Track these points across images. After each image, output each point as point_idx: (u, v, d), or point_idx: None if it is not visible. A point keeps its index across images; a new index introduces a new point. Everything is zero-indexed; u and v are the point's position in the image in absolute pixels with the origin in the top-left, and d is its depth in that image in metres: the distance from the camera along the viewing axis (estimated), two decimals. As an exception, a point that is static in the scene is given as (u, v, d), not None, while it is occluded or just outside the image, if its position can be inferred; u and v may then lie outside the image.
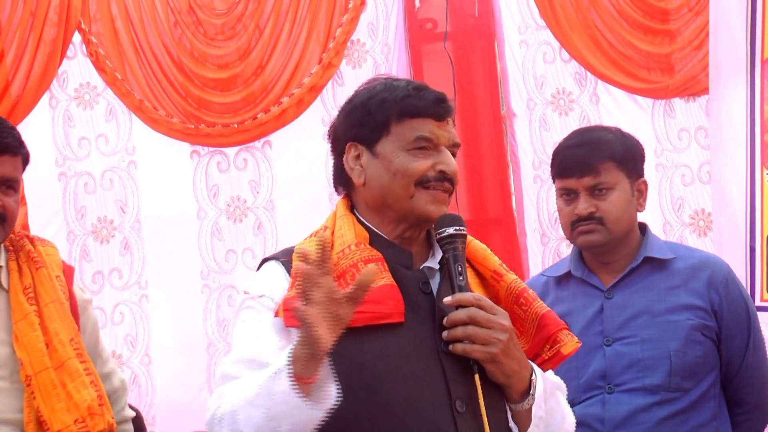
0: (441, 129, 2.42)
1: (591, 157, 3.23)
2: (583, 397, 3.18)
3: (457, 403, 2.24)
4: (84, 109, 5.25)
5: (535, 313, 2.40)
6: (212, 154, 5.39)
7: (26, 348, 2.79)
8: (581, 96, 5.54)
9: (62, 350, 2.82)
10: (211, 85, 5.34)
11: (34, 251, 2.96)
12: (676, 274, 3.27)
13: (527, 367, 2.33)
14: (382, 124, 2.41)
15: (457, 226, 2.35)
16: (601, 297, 3.25)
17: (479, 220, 5.52)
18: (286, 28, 5.38)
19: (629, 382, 3.15)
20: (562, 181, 3.27)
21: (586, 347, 3.12)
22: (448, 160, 2.40)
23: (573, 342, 2.41)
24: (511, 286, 2.43)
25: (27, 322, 2.82)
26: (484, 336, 2.23)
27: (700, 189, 5.44)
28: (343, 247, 2.37)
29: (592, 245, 3.25)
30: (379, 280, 2.29)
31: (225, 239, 5.36)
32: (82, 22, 5.17)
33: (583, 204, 3.22)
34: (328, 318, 2.07)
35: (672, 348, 3.16)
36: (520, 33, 5.58)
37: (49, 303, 2.88)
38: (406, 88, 2.43)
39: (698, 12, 5.37)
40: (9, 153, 2.87)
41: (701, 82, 5.28)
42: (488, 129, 5.63)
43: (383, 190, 2.40)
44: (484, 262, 2.47)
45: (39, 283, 2.90)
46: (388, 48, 5.54)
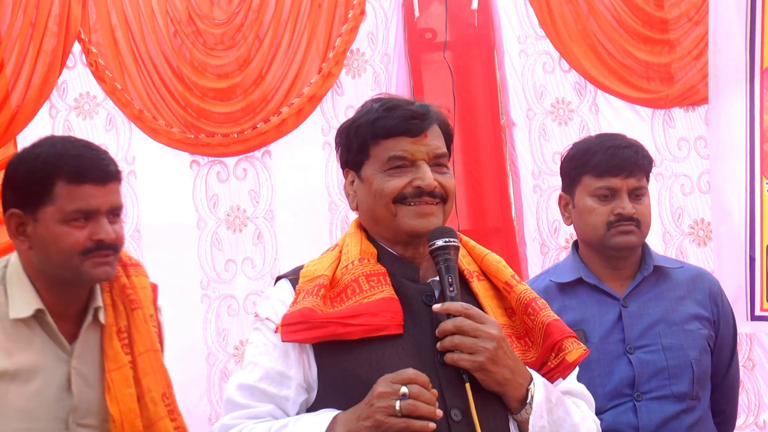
0: (416, 145, 2.43)
1: (639, 160, 3.26)
2: (609, 405, 3.18)
3: (453, 412, 2.26)
4: (84, 119, 5.25)
5: (542, 322, 2.41)
6: (212, 164, 5.39)
7: (119, 405, 2.76)
8: (581, 106, 5.54)
9: (153, 409, 2.80)
10: (210, 95, 5.34)
11: (128, 285, 2.90)
12: (680, 284, 3.32)
13: (523, 375, 2.33)
14: (361, 148, 2.47)
15: (446, 237, 2.37)
16: (616, 305, 3.27)
17: (479, 230, 5.52)
18: (286, 37, 5.39)
19: (657, 389, 3.18)
20: (606, 180, 3.25)
21: (609, 355, 3.18)
22: (424, 175, 2.41)
23: (578, 349, 2.41)
24: (521, 297, 2.45)
25: (121, 376, 2.78)
26: (471, 345, 2.25)
27: (700, 198, 5.44)
28: (346, 263, 2.44)
29: (630, 246, 3.27)
30: (378, 294, 2.34)
31: (225, 249, 5.36)
32: (81, 32, 5.17)
33: (628, 204, 3.23)
34: None
35: (692, 356, 3.22)
36: (520, 43, 5.58)
37: (144, 353, 2.85)
38: (378, 110, 2.47)
39: (698, 22, 5.38)
40: (113, 180, 2.78)
41: (701, 92, 5.28)
42: (488, 138, 5.63)
43: (371, 212, 2.47)
44: (497, 274, 2.50)
45: (134, 327, 2.86)
46: (388, 58, 5.54)
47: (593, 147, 3.32)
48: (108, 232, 2.73)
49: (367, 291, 2.36)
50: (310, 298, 2.36)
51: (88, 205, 2.70)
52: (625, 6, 5.46)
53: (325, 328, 2.31)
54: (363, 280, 2.38)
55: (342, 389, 2.29)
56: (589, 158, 3.30)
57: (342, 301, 2.36)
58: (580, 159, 3.34)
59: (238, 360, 5.26)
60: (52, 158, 2.72)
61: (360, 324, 2.30)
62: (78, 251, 2.70)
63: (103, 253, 2.73)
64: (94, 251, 2.71)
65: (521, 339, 2.44)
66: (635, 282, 3.29)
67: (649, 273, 3.31)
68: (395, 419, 2.14)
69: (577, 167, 3.34)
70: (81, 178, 2.70)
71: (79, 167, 2.71)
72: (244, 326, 5.30)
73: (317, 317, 2.32)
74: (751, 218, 4.47)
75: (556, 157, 5.48)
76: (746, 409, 5.41)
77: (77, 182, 2.70)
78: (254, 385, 2.37)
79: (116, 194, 2.79)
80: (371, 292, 2.36)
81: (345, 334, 2.30)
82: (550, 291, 3.38)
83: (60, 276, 2.76)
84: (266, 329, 2.42)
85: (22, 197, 2.74)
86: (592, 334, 3.24)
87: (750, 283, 4.47)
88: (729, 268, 4.54)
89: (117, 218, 2.80)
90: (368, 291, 2.36)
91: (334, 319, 2.32)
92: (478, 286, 2.48)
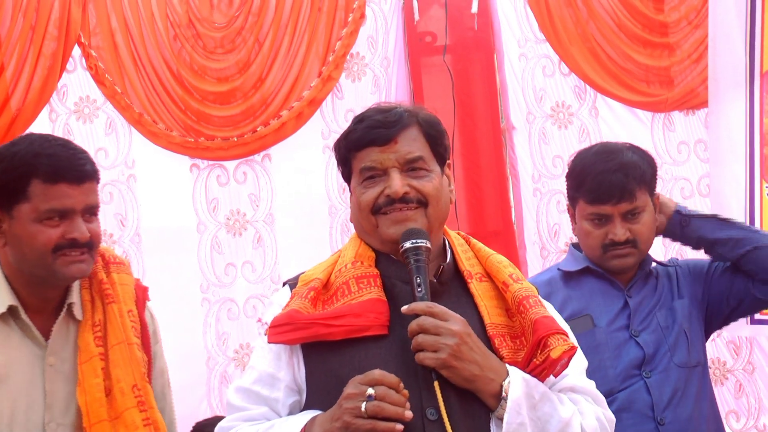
0: (384, 153, 2.46)
1: (629, 184, 3.28)
2: (621, 386, 3.26)
3: (428, 411, 2.26)
4: (84, 123, 5.25)
5: (531, 319, 2.40)
6: (212, 168, 5.39)
7: (86, 396, 2.76)
8: (581, 109, 5.55)
9: (121, 400, 2.80)
10: (210, 99, 5.34)
11: (105, 281, 2.92)
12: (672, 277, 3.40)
13: (495, 371, 2.32)
14: (344, 163, 2.54)
15: (413, 239, 2.38)
16: (621, 295, 3.36)
17: (479, 233, 5.51)
18: (286, 41, 5.39)
19: (660, 363, 3.27)
20: (596, 207, 3.31)
21: (615, 340, 3.30)
22: (393, 182, 2.43)
23: (563, 345, 2.38)
24: (515, 295, 2.45)
25: (90, 367, 2.79)
26: (432, 342, 2.25)
27: (700, 202, 5.44)
28: (340, 266, 2.48)
29: (626, 268, 3.35)
30: (366, 295, 2.38)
31: (225, 252, 5.36)
32: (81, 36, 5.17)
33: (620, 230, 3.29)
34: None
35: (684, 326, 3.30)
36: (520, 46, 5.59)
37: (116, 345, 2.85)
38: (352, 123, 2.52)
39: (697, 25, 5.39)
40: (89, 180, 2.81)
41: (700, 95, 5.29)
42: (488, 142, 5.63)
43: (358, 224, 2.53)
44: (496, 274, 2.52)
45: (109, 321, 2.87)
46: (388, 61, 5.54)
47: (586, 169, 3.35)
48: (82, 231, 2.75)
49: (356, 293, 2.39)
50: (299, 300, 2.39)
51: (63, 205, 2.73)
52: (625, 9, 5.47)
53: (308, 329, 2.34)
54: (353, 282, 2.41)
55: (327, 390, 2.31)
56: (581, 182, 3.35)
57: (331, 303, 2.39)
58: (575, 180, 3.39)
59: (238, 364, 5.27)
60: (28, 157, 2.74)
61: (342, 325, 2.33)
62: (50, 249, 2.72)
63: (77, 251, 2.75)
64: (66, 249, 2.73)
65: (516, 339, 2.43)
66: (637, 277, 3.36)
67: (649, 268, 3.38)
68: (361, 420, 2.16)
69: (573, 188, 3.41)
70: (56, 177, 2.73)
71: (55, 167, 2.73)
72: (244, 330, 5.30)
73: (302, 318, 2.35)
74: (750, 221, 4.48)
75: (556, 161, 5.48)
76: (746, 413, 5.42)
77: (52, 181, 2.73)
78: (249, 387, 2.43)
79: (92, 194, 2.82)
80: (359, 293, 2.38)
81: (327, 335, 2.33)
82: (554, 282, 3.44)
83: (35, 274, 2.78)
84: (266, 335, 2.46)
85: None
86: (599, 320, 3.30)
87: (750, 286, 4.46)
88: (729, 271, 4.55)
89: (93, 217, 2.83)
90: (357, 293, 2.39)
91: (317, 320, 2.35)
92: (477, 286, 2.49)
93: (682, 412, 3.23)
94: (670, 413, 3.22)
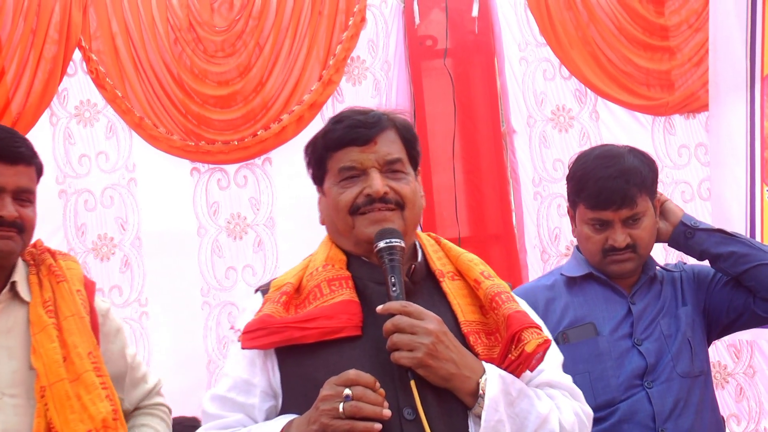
0: (364, 153, 2.47)
1: (630, 190, 3.26)
2: (623, 396, 3.24)
3: (405, 411, 2.26)
4: (84, 127, 5.26)
5: (503, 314, 2.39)
6: (212, 171, 5.39)
7: (42, 359, 2.78)
8: (581, 113, 5.55)
9: (79, 363, 2.81)
10: (211, 102, 5.34)
11: (55, 265, 2.96)
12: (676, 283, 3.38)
13: (472, 369, 2.32)
14: (319, 163, 2.56)
15: (387, 239, 2.37)
16: (624, 302, 3.34)
17: (479, 237, 5.51)
18: (287, 45, 5.39)
19: (663, 373, 3.24)
20: (597, 213, 3.29)
21: (618, 349, 3.27)
22: (373, 182, 2.43)
23: (537, 339, 2.37)
24: (488, 292, 2.44)
25: (45, 334, 2.81)
26: (408, 342, 2.24)
27: (701, 205, 5.43)
28: (311, 270, 2.47)
29: (626, 273, 3.33)
30: (337, 297, 2.37)
31: (225, 256, 5.36)
32: (82, 40, 5.18)
33: (620, 236, 3.28)
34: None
35: (688, 335, 3.28)
36: (520, 50, 5.59)
37: (69, 317, 2.87)
38: (329, 123, 2.52)
39: (698, 29, 5.38)
40: (23, 163, 2.87)
41: (701, 99, 5.29)
42: (488, 145, 5.63)
43: (333, 226, 2.54)
44: (468, 272, 2.51)
45: (59, 297, 2.90)
46: (388, 65, 5.54)
47: (587, 174, 3.34)
48: (10, 210, 2.81)
49: (328, 295, 2.38)
50: (271, 305, 2.39)
51: None
52: (626, 13, 5.47)
53: (281, 333, 2.33)
54: (325, 284, 2.41)
55: (303, 393, 2.30)
56: (582, 187, 3.34)
57: (304, 306, 2.39)
58: (576, 185, 3.37)
59: (239, 367, 5.26)
60: None
61: (315, 327, 2.32)
62: None
63: (4, 229, 2.81)
64: None
65: (491, 335, 2.42)
66: (640, 282, 3.35)
67: (652, 274, 3.37)
68: (339, 421, 2.15)
69: (574, 193, 3.39)
70: None
71: None
72: (244, 334, 5.30)
73: (274, 323, 2.34)
74: (751, 225, 4.48)
75: (556, 165, 5.48)
76: (747, 416, 5.41)
77: None
78: (224, 395, 2.41)
79: (25, 177, 2.87)
80: (331, 296, 2.38)
81: (301, 338, 2.32)
82: (556, 287, 3.43)
83: None
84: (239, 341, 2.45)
85: None
86: (602, 328, 3.30)
87: (751, 289, 4.46)
88: (730, 275, 4.54)
89: (26, 203, 2.88)
90: (328, 295, 2.38)
91: (290, 323, 2.34)
92: (450, 285, 2.48)
93: (683, 423, 3.21)
94: (672, 424, 3.20)
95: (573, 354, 3.30)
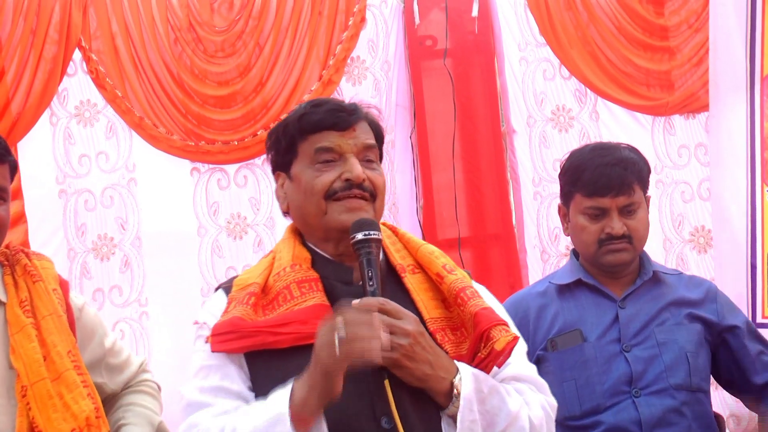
0: (344, 138, 2.45)
1: (627, 177, 3.27)
2: (608, 403, 3.23)
3: (383, 420, 2.25)
4: (84, 127, 5.25)
5: (470, 312, 2.38)
6: (212, 171, 5.39)
7: (23, 359, 2.77)
8: (581, 113, 5.54)
9: (60, 362, 2.80)
10: (211, 102, 5.34)
11: (30, 265, 2.94)
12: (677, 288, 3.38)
13: (446, 369, 2.31)
14: (289, 146, 2.49)
15: (366, 230, 2.35)
16: (614, 306, 3.32)
17: (479, 237, 5.51)
18: (286, 45, 5.39)
19: (654, 383, 3.23)
20: (594, 200, 3.29)
21: (606, 354, 3.24)
22: (353, 167, 2.42)
23: (506, 337, 2.37)
24: (452, 287, 2.43)
25: (24, 334, 2.80)
26: (385, 341, 2.21)
27: (700, 206, 5.44)
28: (278, 269, 2.42)
29: (621, 263, 3.32)
30: (309, 300, 2.34)
31: (225, 256, 5.36)
32: (82, 40, 5.18)
33: (617, 223, 3.27)
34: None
35: (688, 349, 3.26)
36: (520, 50, 5.58)
37: (47, 316, 2.86)
38: (305, 107, 2.49)
39: (698, 29, 5.38)
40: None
41: (701, 99, 5.29)
42: (488, 145, 5.63)
43: (301, 211, 2.48)
44: (429, 265, 2.49)
45: (36, 297, 2.88)
46: (388, 65, 5.54)
47: (584, 164, 3.35)
48: None
49: (299, 298, 2.35)
50: (240, 307, 2.34)
51: None
52: (625, 13, 5.46)
53: (254, 338, 2.30)
54: (294, 286, 2.37)
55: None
56: (579, 176, 3.34)
57: (273, 308, 2.35)
58: (572, 176, 3.37)
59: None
60: None
61: (289, 332, 2.29)
62: None
63: None
64: None
65: (456, 330, 2.42)
66: (634, 286, 3.34)
67: (648, 278, 3.36)
68: (339, 347, 2.12)
69: (569, 183, 3.38)
70: None
71: None
72: (244, 334, 5.29)
73: (246, 326, 2.30)
74: (752, 225, 4.47)
75: (556, 165, 5.47)
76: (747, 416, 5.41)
77: None
78: (218, 385, 2.34)
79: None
80: (302, 298, 2.35)
81: (274, 343, 2.29)
82: (548, 293, 3.43)
83: None
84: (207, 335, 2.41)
85: None
86: (590, 334, 3.28)
87: (751, 290, 4.46)
88: (730, 275, 4.54)
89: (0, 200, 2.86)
90: (299, 298, 2.35)
91: (263, 327, 2.30)
92: (411, 279, 2.47)
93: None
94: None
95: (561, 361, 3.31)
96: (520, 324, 3.31)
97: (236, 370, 2.35)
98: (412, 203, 5.54)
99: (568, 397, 3.28)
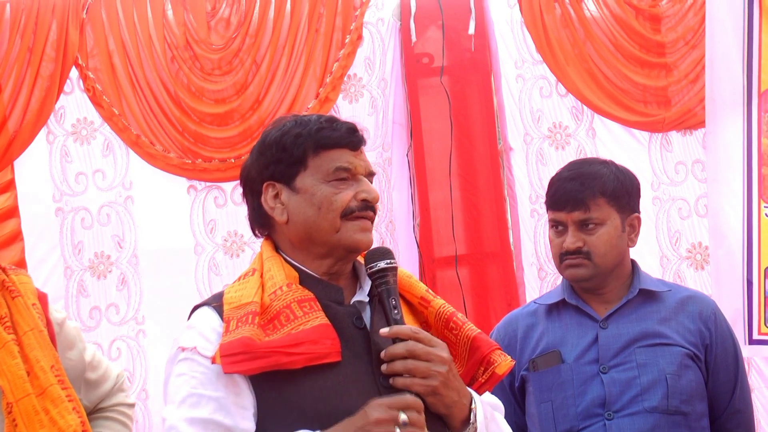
0: (357, 158, 2.43)
1: (582, 192, 3.25)
2: (581, 426, 3.19)
3: None
4: (81, 144, 5.26)
5: (467, 336, 2.39)
6: (209, 189, 5.38)
7: (6, 375, 2.75)
8: (578, 130, 5.55)
9: (44, 377, 2.78)
10: (208, 120, 5.34)
11: (8, 280, 2.91)
12: (666, 307, 3.33)
13: (467, 395, 2.32)
14: (299, 158, 2.41)
15: (387, 259, 2.35)
16: (596, 327, 3.28)
17: (476, 254, 5.51)
18: (283, 62, 5.39)
19: (628, 406, 3.18)
20: (553, 213, 3.32)
21: (582, 376, 3.20)
22: (369, 188, 2.40)
23: (507, 362, 2.40)
24: (440, 312, 2.43)
25: (6, 351, 2.78)
26: (425, 369, 2.23)
27: (698, 222, 5.43)
28: (274, 288, 2.36)
29: (578, 279, 3.30)
30: (314, 320, 2.29)
31: (222, 274, 5.34)
32: (79, 58, 5.18)
33: (570, 238, 3.26)
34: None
35: (668, 371, 3.20)
36: (517, 67, 5.59)
37: (28, 331, 2.84)
38: (319, 122, 2.44)
39: (694, 45, 5.39)
40: None
41: (698, 115, 5.29)
42: (485, 163, 5.62)
43: (308, 224, 2.39)
44: (410, 289, 2.47)
45: (16, 312, 2.86)
46: (385, 82, 5.54)
47: (553, 178, 3.37)
48: None
49: (302, 318, 2.29)
50: (247, 327, 2.26)
51: None
52: (622, 30, 5.48)
53: (267, 358, 2.23)
54: (296, 306, 2.31)
55: (284, 420, 2.23)
56: (547, 190, 3.37)
57: (276, 328, 2.28)
58: (546, 191, 3.39)
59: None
60: None
61: (302, 353, 2.23)
62: None
63: None
64: None
65: None
66: (619, 304, 3.31)
67: (633, 296, 3.32)
68: None
69: (545, 199, 3.40)
70: None
71: None
72: (241, 351, 5.28)
73: (258, 347, 2.23)
74: (749, 242, 4.47)
75: (553, 182, 5.49)
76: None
77: None
78: (209, 418, 2.24)
79: None
80: (306, 318, 2.29)
81: (288, 364, 2.23)
82: (538, 314, 3.42)
83: None
84: (200, 358, 2.32)
85: None
86: (569, 355, 3.26)
87: (748, 306, 4.46)
88: (727, 291, 4.54)
89: None
90: (303, 318, 2.29)
91: (276, 348, 2.24)
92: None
93: None
94: None
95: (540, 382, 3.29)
96: (509, 345, 3.33)
97: (234, 397, 2.26)
98: (408, 221, 5.53)
99: (545, 419, 3.27)
